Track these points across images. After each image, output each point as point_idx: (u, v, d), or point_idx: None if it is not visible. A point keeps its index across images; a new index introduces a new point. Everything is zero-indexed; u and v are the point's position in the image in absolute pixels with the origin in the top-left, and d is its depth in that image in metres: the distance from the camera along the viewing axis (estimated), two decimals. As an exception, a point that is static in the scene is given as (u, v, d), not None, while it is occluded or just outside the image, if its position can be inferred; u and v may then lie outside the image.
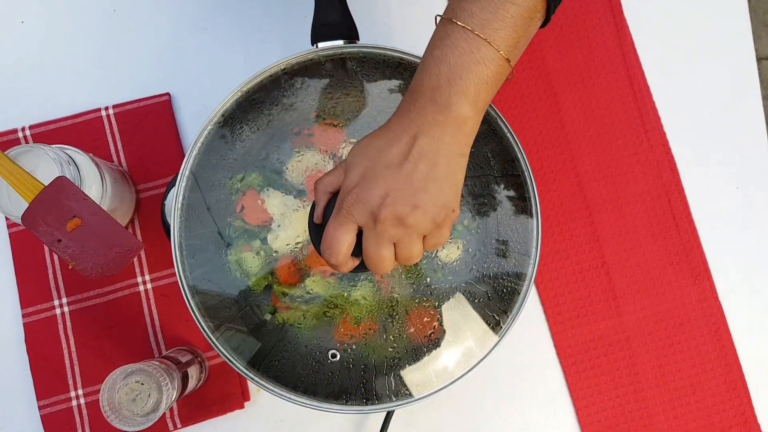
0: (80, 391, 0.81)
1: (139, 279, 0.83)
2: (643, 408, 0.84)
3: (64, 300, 0.82)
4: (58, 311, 0.82)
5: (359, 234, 0.58)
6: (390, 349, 0.78)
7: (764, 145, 0.90)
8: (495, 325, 0.76)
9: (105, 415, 0.67)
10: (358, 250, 0.59)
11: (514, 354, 0.85)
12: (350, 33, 0.74)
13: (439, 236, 0.59)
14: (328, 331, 0.79)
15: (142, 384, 0.68)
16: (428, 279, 0.80)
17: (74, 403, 0.80)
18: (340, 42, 0.74)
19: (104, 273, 0.68)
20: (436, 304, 0.80)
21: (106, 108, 0.85)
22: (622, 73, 0.89)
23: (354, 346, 0.79)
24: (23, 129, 0.85)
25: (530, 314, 0.86)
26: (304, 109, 0.82)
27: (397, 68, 0.75)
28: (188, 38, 0.89)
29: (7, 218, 0.83)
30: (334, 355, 0.78)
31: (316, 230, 0.62)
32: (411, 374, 0.77)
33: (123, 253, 0.68)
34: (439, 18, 0.57)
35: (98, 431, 0.80)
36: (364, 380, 0.77)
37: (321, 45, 0.74)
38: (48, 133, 0.85)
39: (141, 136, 0.85)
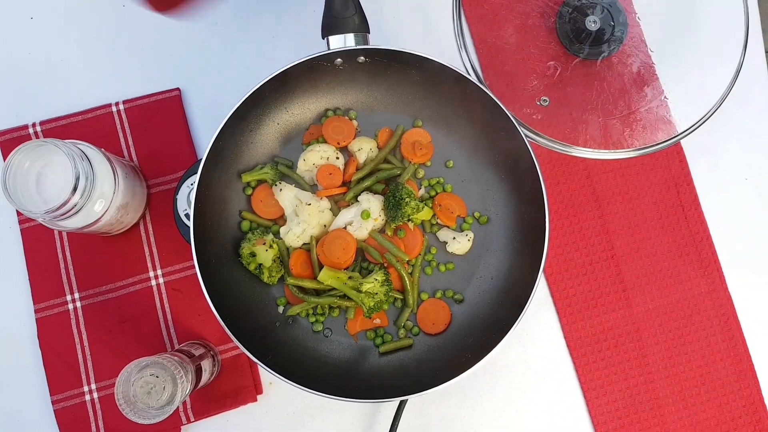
0: (93, 386, 0.81)
1: (151, 273, 0.83)
2: (653, 398, 0.84)
3: (77, 295, 0.82)
4: (70, 306, 0.82)
5: None
6: (402, 340, 0.78)
7: (773, 136, 0.90)
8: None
9: (120, 408, 0.67)
10: None
11: (524, 346, 0.85)
12: (361, 25, 0.74)
13: None
14: (341, 323, 0.79)
15: (157, 377, 0.68)
16: (440, 271, 0.81)
17: (87, 397, 0.81)
18: (351, 40, 0.74)
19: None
20: (448, 295, 0.80)
21: (117, 103, 0.86)
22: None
23: (366, 337, 0.79)
24: (34, 125, 0.85)
25: (540, 306, 0.86)
26: (316, 104, 0.82)
27: (407, 62, 0.76)
28: (198, 33, 0.89)
29: (18, 213, 0.83)
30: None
31: None
32: (423, 364, 0.77)
33: None
34: None
35: (111, 425, 0.80)
36: (377, 371, 0.77)
37: (332, 41, 0.74)
38: (59, 129, 0.85)
39: (152, 131, 0.85)
